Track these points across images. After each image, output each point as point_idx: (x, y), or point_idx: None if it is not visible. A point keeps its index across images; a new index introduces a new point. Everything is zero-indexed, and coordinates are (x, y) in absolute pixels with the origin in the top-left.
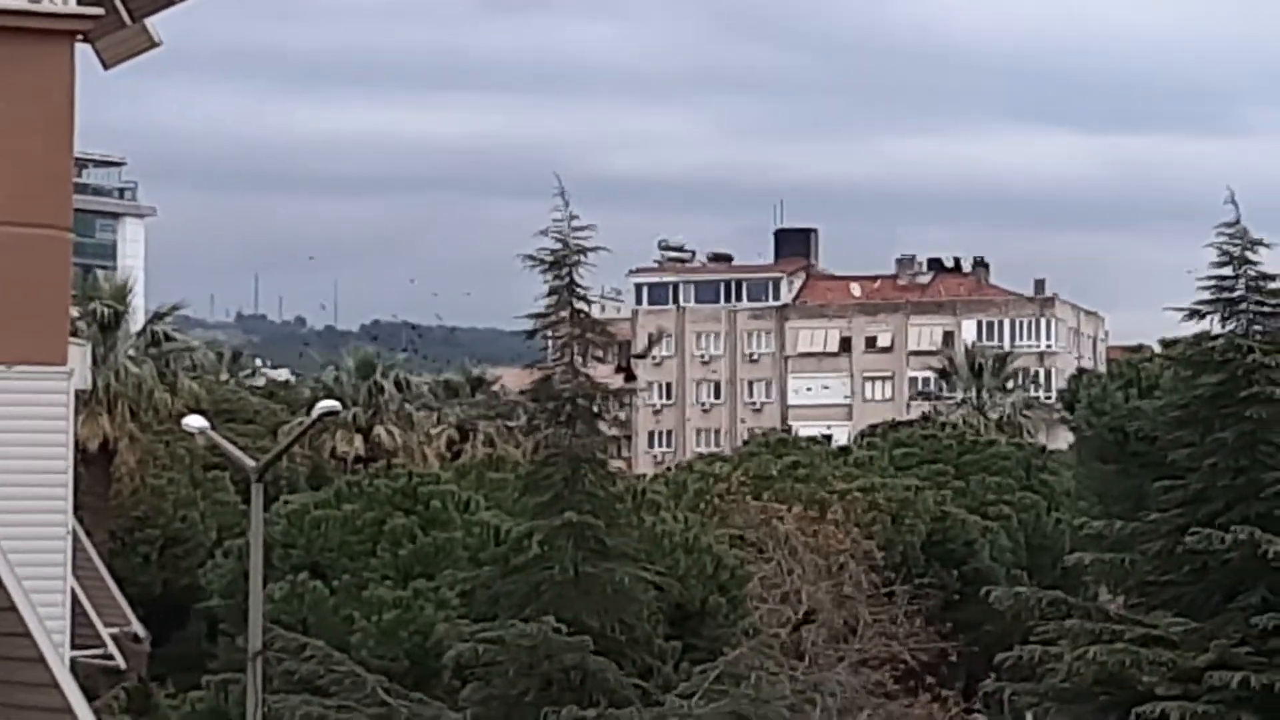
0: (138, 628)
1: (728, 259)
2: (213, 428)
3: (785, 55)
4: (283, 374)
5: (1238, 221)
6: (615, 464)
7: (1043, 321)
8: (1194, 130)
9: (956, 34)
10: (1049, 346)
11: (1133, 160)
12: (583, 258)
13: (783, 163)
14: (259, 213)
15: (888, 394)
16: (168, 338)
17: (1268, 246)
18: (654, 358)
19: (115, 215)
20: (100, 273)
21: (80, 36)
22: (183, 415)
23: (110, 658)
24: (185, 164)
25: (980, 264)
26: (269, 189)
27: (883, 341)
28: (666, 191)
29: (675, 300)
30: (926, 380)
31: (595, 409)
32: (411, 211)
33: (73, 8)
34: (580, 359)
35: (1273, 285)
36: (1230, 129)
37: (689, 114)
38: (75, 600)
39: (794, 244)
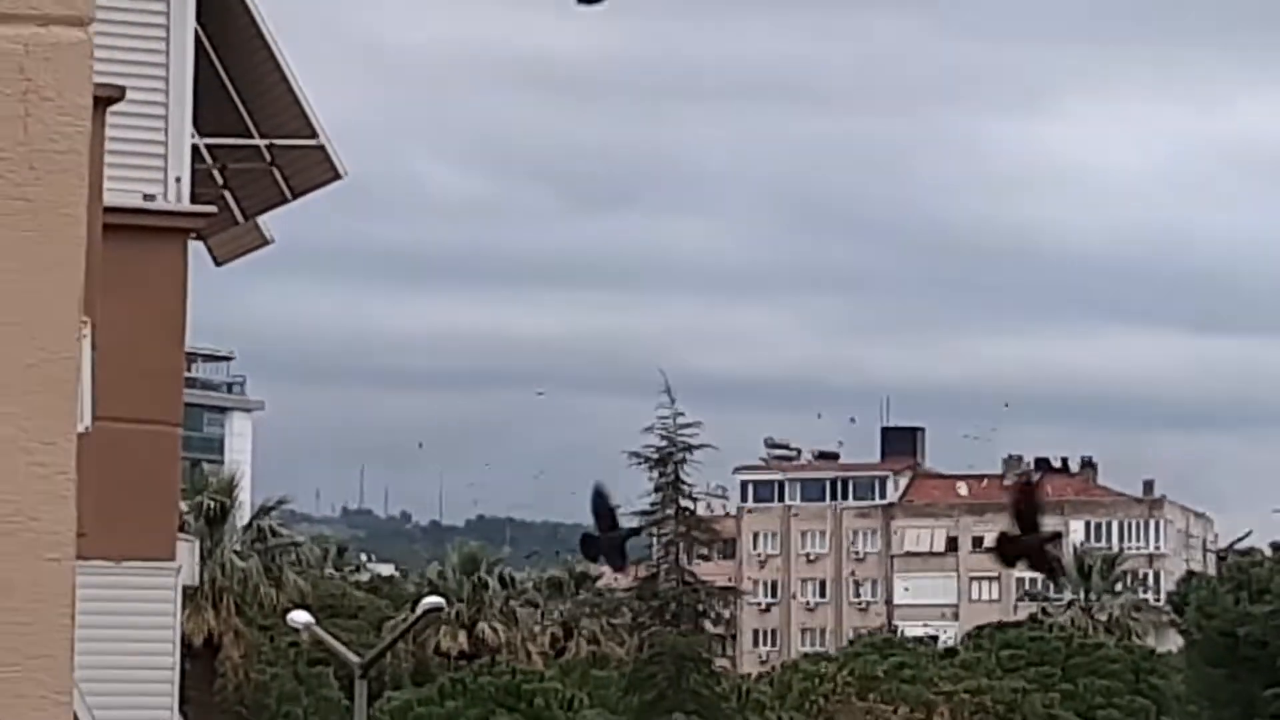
0: None
1: (834, 457)
2: (317, 623)
3: (874, 253)
4: (388, 569)
5: None
6: (720, 663)
7: (1152, 523)
8: None
9: (1044, 232)
10: (1158, 548)
11: (1235, 362)
12: (688, 455)
13: (883, 362)
14: (365, 407)
15: (994, 594)
16: (274, 532)
17: None
18: (759, 556)
19: (223, 409)
20: (208, 466)
21: (193, 234)
22: (288, 610)
23: None
24: (293, 359)
25: (1088, 464)
26: (375, 384)
27: (989, 541)
28: (769, 390)
29: (781, 498)
30: (1034, 581)
31: (700, 607)
32: (513, 407)
33: (186, 206)
34: (685, 557)
35: None
36: None
37: (782, 311)
38: None
39: (900, 443)
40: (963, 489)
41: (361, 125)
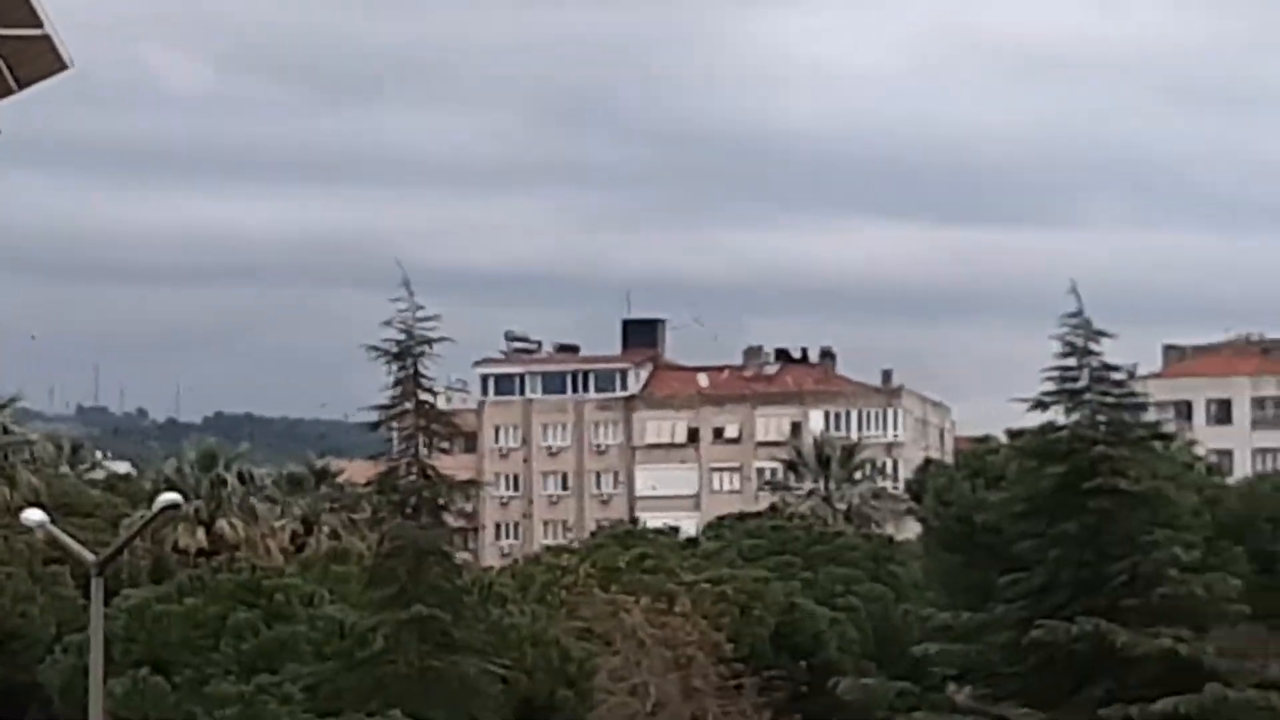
0: None
1: (574, 350)
2: (52, 521)
3: (617, 147)
4: (123, 467)
5: (1080, 313)
6: (461, 556)
7: (890, 412)
8: (1030, 223)
9: (789, 125)
10: (896, 437)
11: (972, 252)
12: (427, 348)
13: (623, 255)
14: (98, 304)
15: (735, 485)
16: (6, 430)
17: (1111, 337)
18: (500, 449)
19: None
20: None
21: None
22: (21, 509)
23: None
24: (24, 255)
25: (827, 354)
26: (107, 280)
27: (730, 432)
28: (509, 283)
29: (521, 391)
30: (774, 471)
31: (440, 501)
32: (250, 303)
33: None
34: (425, 450)
35: (1116, 376)
36: (1066, 222)
37: (525, 205)
38: None
39: (641, 335)
40: (703, 380)
41: (89, 15)
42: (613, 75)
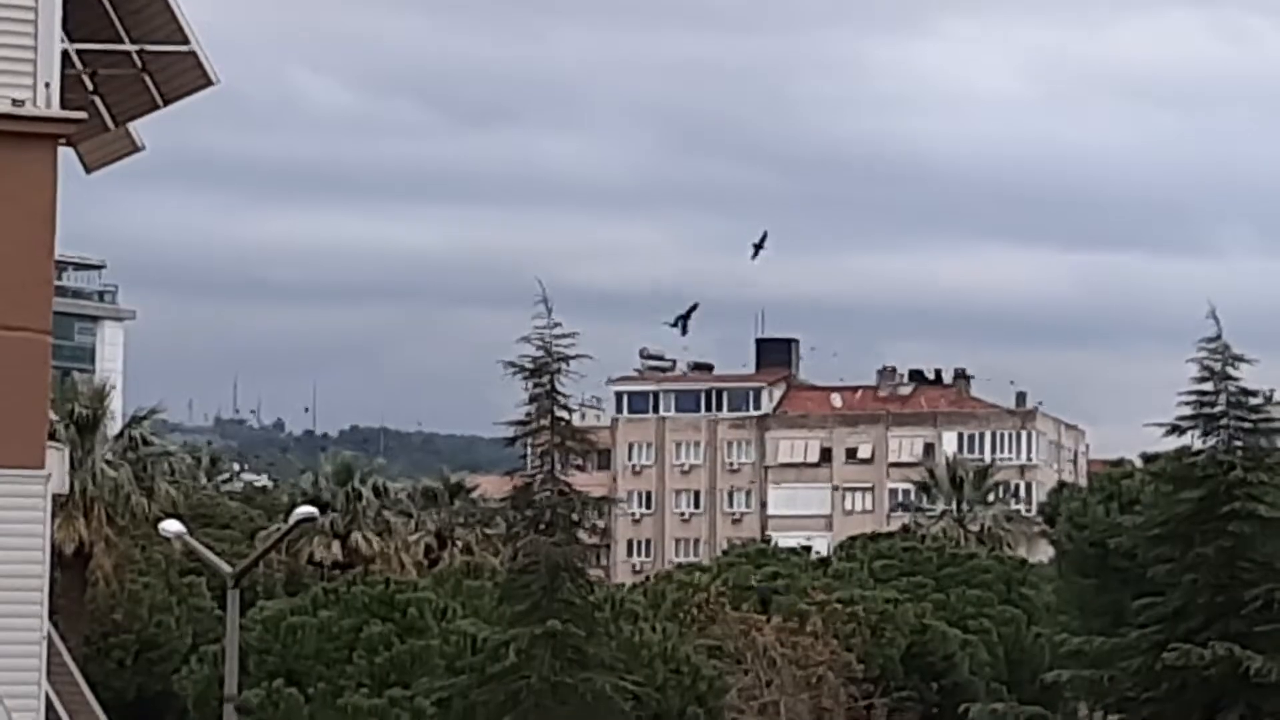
0: None
1: (709, 368)
2: (190, 533)
3: (749, 170)
4: (261, 479)
5: (1219, 337)
6: (594, 573)
7: (1024, 434)
8: (1164, 249)
9: (919, 150)
10: (1029, 459)
11: (1106, 278)
12: (564, 365)
13: (756, 277)
14: (239, 318)
15: (868, 505)
16: (145, 441)
17: (1249, 362)
18: (634, 466)
19: (94, 318)
20: (79, 375)
21: (63, 140)
22: (160, 519)
23: None
24: (166, 269)
25: (961, 376)
26: (249, 295)
27: (863, 453)
28: (642, 303)
29: (655, 409)
30: (907, 492)
31: (574, 517)
32: (389, 320)
33: (56, 111)
34: (560, 467)
35: (1254, 401)
36: (1198, 249)
37: (659, 227)
38: (49, 705)
39: (775, 354)
40: (837, 400)
41: (235, 34)
42: (744, 99)
